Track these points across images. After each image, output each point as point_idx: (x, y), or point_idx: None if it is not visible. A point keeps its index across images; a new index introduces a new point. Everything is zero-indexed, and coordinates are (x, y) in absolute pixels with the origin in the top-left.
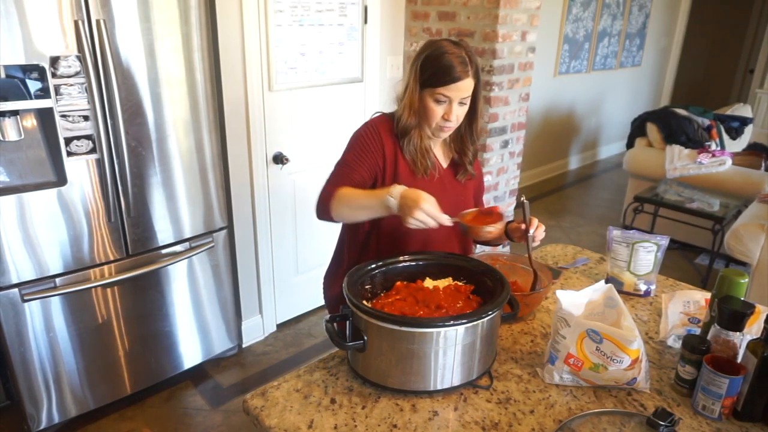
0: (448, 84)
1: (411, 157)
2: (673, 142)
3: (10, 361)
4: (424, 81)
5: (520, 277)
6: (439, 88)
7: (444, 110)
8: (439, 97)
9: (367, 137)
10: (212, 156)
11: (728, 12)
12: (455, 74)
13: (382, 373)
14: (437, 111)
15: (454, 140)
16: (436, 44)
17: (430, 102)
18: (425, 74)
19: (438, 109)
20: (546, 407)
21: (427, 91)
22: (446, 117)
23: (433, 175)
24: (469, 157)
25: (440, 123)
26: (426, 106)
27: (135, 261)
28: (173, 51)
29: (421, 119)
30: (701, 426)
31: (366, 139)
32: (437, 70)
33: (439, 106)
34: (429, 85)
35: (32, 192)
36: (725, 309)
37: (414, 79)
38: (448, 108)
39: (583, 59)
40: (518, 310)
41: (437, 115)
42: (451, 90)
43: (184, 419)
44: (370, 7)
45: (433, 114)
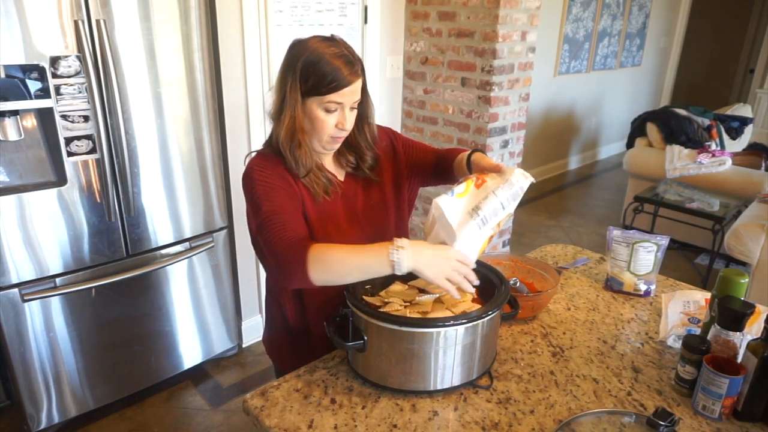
0: (339, 89)
1: (307, 182)
2: (673, 142)
3: (10, 361)
4: (308, 90)
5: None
6: (328, 95)
7: (337, 119)
8: (330, 105)
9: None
10: (212, 156)
11: (728, 12)
12: (345, 77)
13: (382, 373)
14: (329, 121)
15: (346, 150)
16: (310, 46)
17: (319, 112)
18: (308, 82)
19: (329, 118)
20: (546, 407)
21: (313, 100)
22: (341, 126)
23: (336, 193)
24: (368, 163)
25: (333, 134)
26: (315, 118)
27: (135, 261)
28: (173, 51)
29: (310, 134)
30: (701, 426)
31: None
32: (323, 76)
33: (330, 115)
34: (315, 94)
35: (32, 192)
36: (725, 309)
37: (293, 89)
38: (341, 115)
39: (583, 59)
40: (518, 310)
41: (329, 126)
42: (343, 95)
43: (184, 419)
44: (370, 7)
45: (324, 125)
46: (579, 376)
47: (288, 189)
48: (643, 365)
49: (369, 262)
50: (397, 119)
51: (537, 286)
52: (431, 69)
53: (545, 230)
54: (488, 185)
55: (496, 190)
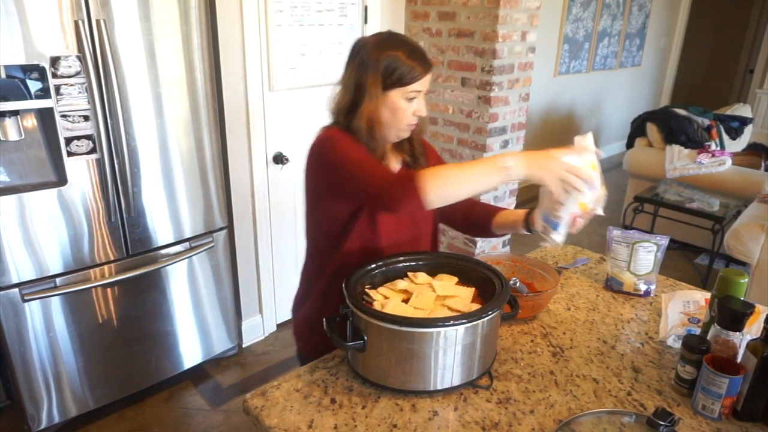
0: (420, 78)
1: None
2: (673, 142)
3: (10, 361)
4: (392, 83)
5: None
6: (411, 85)
7: (415, 107)
8: (411, 94)
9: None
10: (212, 156)
11: (728, 12)
12: (425, 66)
13: (382, 373)
14: (407, 110)
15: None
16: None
17: (401, 102)
18: (393, 76)
19: (409, 107)
20: (546, 407)
21: (395, 92)
22: (418, 112)
23: None
24: (418, 150)
25: (410, 121)
26: (396, 108)
27: (135, 261)
28: (173, 51)
29: (387, 124)
30: (701, 426)
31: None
32: (408, 68)
33: (410, 103)
34: (399, 85)
35: (32, 192)
36: (725, 309)
37: (374, 84)
38: (419, 103)
39: (583, 59)
40: (518, 310)
41: (408, 114)
42: (423, 84)
43: (184, 419)
44: (370, 7)
45: (404, 114)
46: (579, 376)
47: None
48: (643, 365)
49: (483, 170)
50: None
51: (537, 286)
52: None
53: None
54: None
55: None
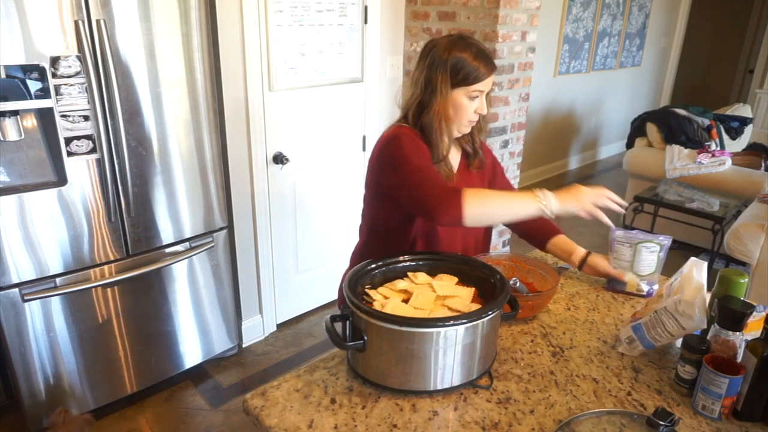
0: (484, 79)
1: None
2: (673, 142)
3: (10, 361)
4: (457, 82)
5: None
6: (475, 85)
7: (477, 105)
8: (474, 93)
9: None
10: (212, 156)
11: (728, 12)
12: (489, 68)
13: (382, 373)
14: (470, 108)
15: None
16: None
17: (464, 100)
18: (459, 75)
19: (471, 105)
20: (546, 407)
21: (460, 90)
22: (479, 111)
23: (453, 178)
24: (477, 143)
25: (472, 118)
26: (459, 105)
27: (135, 261)
28: (173, 51)
29: (451, 120)
30: (701, 426)
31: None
32: (473, 69)
33: (472, 102)
34: (463, 85)
35: (32, 192)
36: (725, 309)
37: (443, 83)
38: (480, 102)
39: (583, 59)
40: (518, 310)
41: (470, 112)
42: (486, 84)
43: (184, 419)
44: (370, 7)
45: (466, 112)
46: (579, 376)
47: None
48: (643, 365)
49: (520, 202)
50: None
51: (537, 286)
52: None
53: None
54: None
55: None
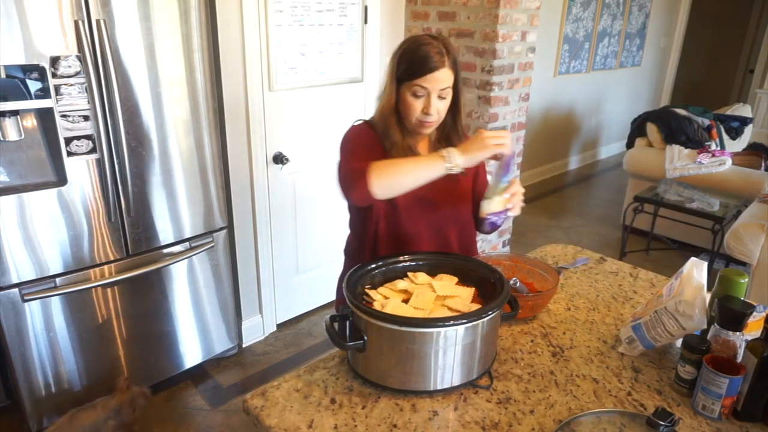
0: (424, 75)
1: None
2: (673, 142)
3: (10, 360)
4: (400, 75)
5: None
6: (415, 80)
7: (423, 104)
8: (417, 89)
9: (360, 137)
10: (212, 156)
11: (728, 12)
12: (431, 64)
13: (382, 373)
14: (416, 105)
15: (439, 139)
16: (412, 38)
17: (408, 96)
18: (401, 68)
19: (416, 103)
20: (546, 407)
21: (404, 85)
22: (426, 111)
23: None
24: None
25: (420, 118)
26: (404, 101)
27: (135, 261)
28: (173, 51)
29: (402, 117)
30: (701, 426)
31: (358, 135)
32: (413, 62)
33: (417, 100)
34: (406, 79)
35: (32, 192)
36: (725, 309)
37: (391, 75)
38: (426, 101)
39: (583, 59)
40: (518, 310)
41: (416, 110)
42: (428, 81)
43: (184, 419)
44: (370, 7)
45: (411, 108)
46: (579, 376)
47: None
48: (643, 365)
49: (425, 164)
50: None
51: (537, 286)
52: None
53: (545, 230)
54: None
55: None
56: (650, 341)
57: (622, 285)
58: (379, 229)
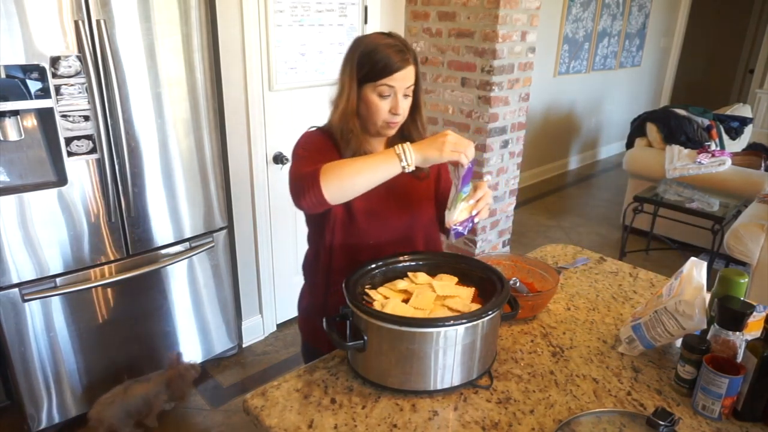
0: (392, 74)
1: None
2: (672, 142)
3: (10, 361)
4: (363, 77)
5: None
6: (382, 80)
7: (390, 104)
8: (383, 90)
9: (313, 142)
10: (212, 156)
11: (728, 12)
12: (398, 63)
13: (382, 373)
14: (383, 106)
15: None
16: (367, 39)
17: (374, 97)
18: (363, 69)
19: (383, 103)
20: (546, 407)
21: (368, 86)
22: (394, 111)
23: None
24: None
25: (387, 118)
26: (370, 102)
27: (135, 261)
28: (173, 51)
29: (365, 119)
30: (701, 426)
31: (311, 140)
32: (377, 62)
33: (383, 100)
34: (370, 80)
35: (32, 192)
36: (725, 309)
37: (350, 78)
38: (394, 101)
39: (583, 59)
40: (518, 310)
41: (383, 111)
42: (395, 80)
43: (184, 419)
44: (370, 7)
45: (378, 110)
46: (579, 376)
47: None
48: (643, 365)
49: (378, 162)
50: None
51: (537, 286)
52: (431, 69)
53: (545, 230)
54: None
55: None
56: (650, 341)
57: (622, 285)
58: (335, 241)
